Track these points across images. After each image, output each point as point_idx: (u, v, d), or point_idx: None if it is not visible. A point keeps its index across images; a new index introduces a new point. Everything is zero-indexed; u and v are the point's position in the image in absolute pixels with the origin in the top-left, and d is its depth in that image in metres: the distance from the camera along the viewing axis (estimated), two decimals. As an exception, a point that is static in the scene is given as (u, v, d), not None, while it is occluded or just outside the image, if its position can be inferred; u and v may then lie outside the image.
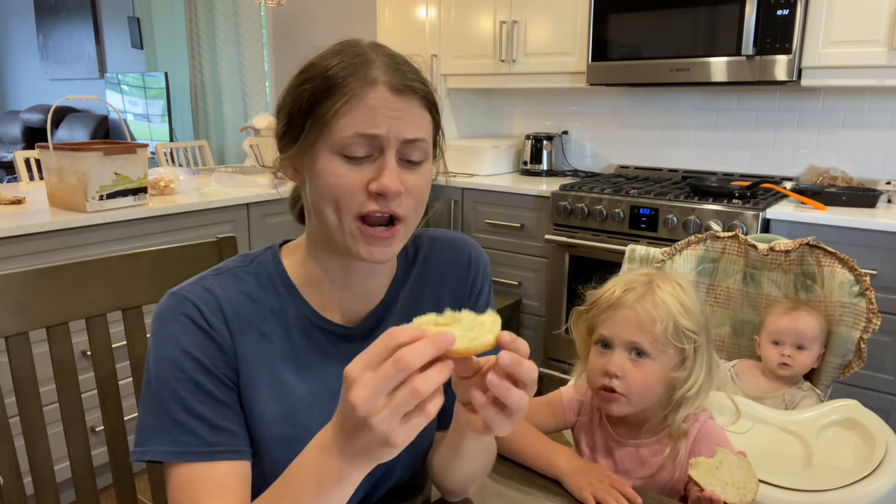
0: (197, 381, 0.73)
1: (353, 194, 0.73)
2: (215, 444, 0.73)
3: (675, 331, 0.97)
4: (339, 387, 0.66)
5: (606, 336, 1.01)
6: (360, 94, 0.72)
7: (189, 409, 0.72)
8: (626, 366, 0.99)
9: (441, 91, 3.24)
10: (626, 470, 1.05)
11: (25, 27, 5.95)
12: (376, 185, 0.72)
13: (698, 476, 0.89)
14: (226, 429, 0.73)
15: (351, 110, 0.71)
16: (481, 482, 0.93)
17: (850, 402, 1.31)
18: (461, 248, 0.93)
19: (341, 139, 0.72)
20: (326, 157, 0.73)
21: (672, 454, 1.01)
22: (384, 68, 0.74)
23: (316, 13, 3.99)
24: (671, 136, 3.00)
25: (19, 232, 1.87)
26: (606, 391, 1.00)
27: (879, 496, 1.08)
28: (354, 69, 0.73)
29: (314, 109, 0.73)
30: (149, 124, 4.40)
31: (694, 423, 1.02)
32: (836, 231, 2.10)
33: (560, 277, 2.68)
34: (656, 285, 1.01)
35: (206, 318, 0.75)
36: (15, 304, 0.95)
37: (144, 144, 2.16)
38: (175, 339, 0.74)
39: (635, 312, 0.99)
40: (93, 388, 1.05)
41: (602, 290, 1.05)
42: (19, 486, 0.97)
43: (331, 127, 0.72)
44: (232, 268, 0.81)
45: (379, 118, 0.72)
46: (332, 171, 0.73)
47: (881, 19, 2.15)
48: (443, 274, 0.90)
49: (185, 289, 0.77)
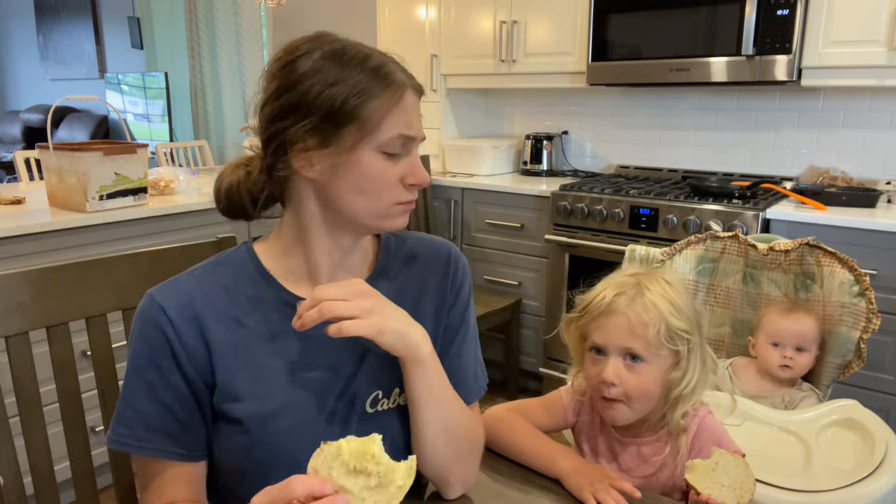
0: (148, 381, 0.80)
1: (392, 185, 0.81)
2: (145, 439, 0.81)
3: (667, 333, 0.97)
4: (316, 358, 0.82)
5: (600, 343, 1.01)
6: (397, 98, 0.80)
7: (131, 404, 0.81)
8: (621, 372, 0.98)
9: (441, 91, 3.24)
10: (628, 469, 1.05)
11: (25, 27, 5.95)
12: (415, 178, 0.82)
13: (694, 479, 0.88)
14: (160, 428, 0.81)
15: (393, 114, 0.79)
16: (478, 481, 0.93)
17: (850, 402, 1.31)
18: (440, 248, 0.97)
19: (386, 140, 0.79)
20: (368, 153, 0.79)
21: (673, 451, 1.01)
22: (400, 70, 0.82)
23: (316, 13, 3.99)
24: (671, 136, 3.00)
25: (19, 232, 1.87)
26: (606, 399, 1.00)
27: (879, 497, 1.08)
28: (382, 76, 0.79)
29: (356, 112, 0.78)
30: (149, 124, 4.39)
31: (693, 419, 1.02)
32: (836, 231, 2.10)
33: (560, 277, 2.68)
34: (645, 287, 1.00)
35: (174, 325, 0.80)
36: (15, 304, 0.95)
37: (144, 144, 2.16)
38: (145, 341, 0.81)
39: (627, 318, 0.98)
40: (93, 388, 1.05)
41: (591, 295, 1.04)
42: (19, 486, 0.97)
43: (376, 128, 0.79)
44: (206, 264, 0.87)
45: (413, 120, 0.82)
46: (375, 168, 0.80)
47: (881, 19, 2.15)
48: (425, 270, 0.94)
49: (157, 289, 0.83)
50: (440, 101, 3.25)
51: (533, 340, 2.87)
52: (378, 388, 0.86)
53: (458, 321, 0.94)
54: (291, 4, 3.67)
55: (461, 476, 0.90)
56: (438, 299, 0.93)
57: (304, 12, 4.01)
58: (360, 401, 0.85)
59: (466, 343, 0.95)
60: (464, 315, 0.95)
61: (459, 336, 0.94)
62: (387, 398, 0.87)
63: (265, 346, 0.83)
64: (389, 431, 0.87)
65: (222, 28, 4.16)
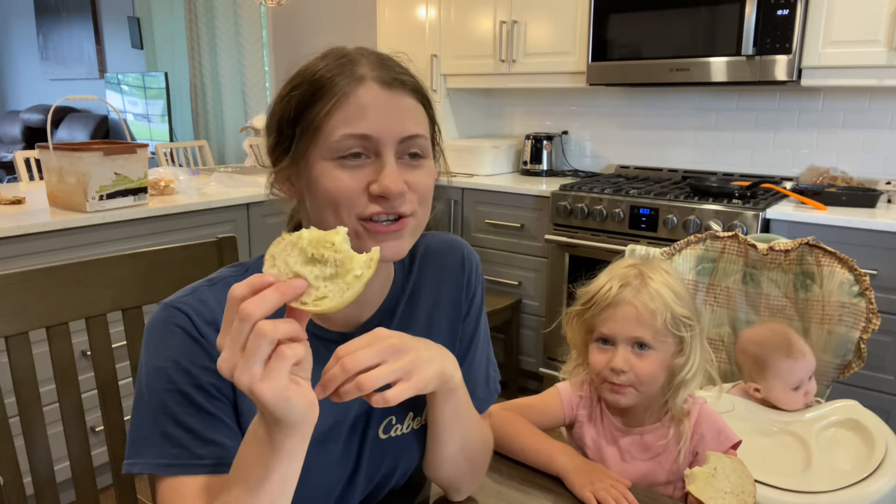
0: (186, 393, 0.71)
1: (353, 198, 0.70)
2: (202, 456, 0.71)
3: (672, 320, 1.00)
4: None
5: (608, 334, 1.02)
6: (349, 93, 0.69)
7: (178, 421, 0.71)
8: (630, 360, 1.00)
9: (441, 91, 3.24)
10: (632, 458, 1.06)
11: (25, 27, 5.95)
12: (377, 186, 0.69)
13: (697, 491, 0.89)
14: (214, 441, 0.72)
15: (340, 110, 0.69)
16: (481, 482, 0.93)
17: (850, 403, 1.31)
18: (454, 250, 0.92)
19: (333, 143, 0.69)
20: (321, 164, 0.70)
21: (676, 437, 1.03)
22: (371, 65, 0.72)
23: (316, 13, 3.99)
24: (671, 136, 3.00)
25: (19, 232, 1.87)
26: (614, 385, 1.01)
27: (879, 497, 1.08)
28: (340, 69, 0.71)
29: (303, 115, 0.71)
30: (149, 124, 4.39)
31: (693, 405, 1.05)
32: (836, 231, 2.10)
33: (560, 277, 2.68)
34: (647, 276, 1.02)
35: (198, 328, 0.73)
36: (15, 304, 0.95)
37: (144, 144, 2.16)
38: (166, 350, 0.72)
39: (634, 308, 1.00)
40: (93, 388, 1.06)
41: (595, 287, 1.06)
42: (19, 486, 0.97)
43: (321, 131, 0.70)
44: (226, 276, 0.79)
45: (371, 116, 0.69)
46: (328, 177, 0.70)
47: (881, 19, 2.15)
48: (439, 276, 0.90)
49: (178, 299, 0.75)
50: (440, 101, 3.25)
51: (533, 340, 2.87)
52: (391, 414, 0.83)
53: (472, 330, 0.92)
54: (291, 4, 3.67)
55: (472, 484, 0.90)
56: (453, 312, 0.90)
57: (304, 12, 4.01)
58: (373, 426, 0.82)
59: (479, 349, 0.93)
60: (477, 322, 0.93)
61: (473, 344, 0.92)
62: (400, 423, 0.84)
63: None
64: (403, 457, 0.86)
65: (222, 28, 4.16)
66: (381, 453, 0.84)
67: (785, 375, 1.35)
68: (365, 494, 0.86)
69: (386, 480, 0.87)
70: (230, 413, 0.75)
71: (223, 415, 0.73)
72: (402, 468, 0.87)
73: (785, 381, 1.34)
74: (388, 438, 0.83)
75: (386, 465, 0.85)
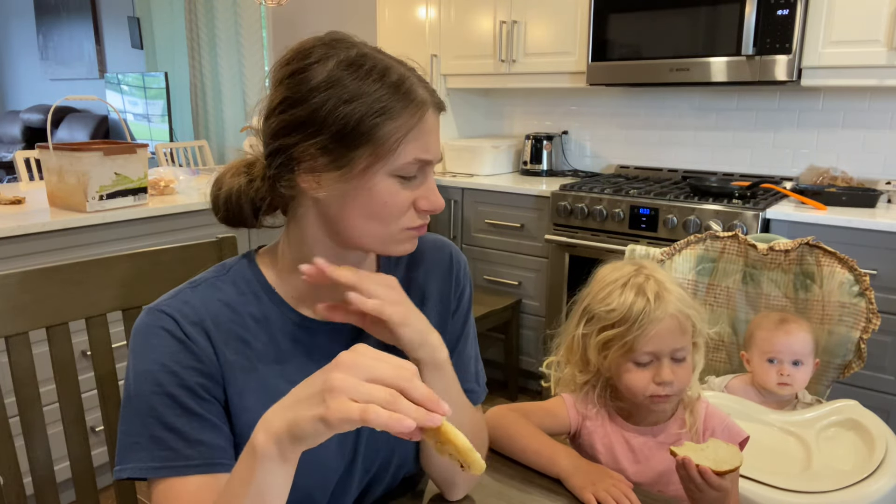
0: (173, 395, 0.72)
1: (404, 211, 0.77)
2: (191, 457, 0.71)
3: (696, 314, 1.03)
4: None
5: (653, 351, 1.00)
6: (417, 120, 0.74)
7: (166, 423, 0.72)
8: (674, 369, 1.01)
9: (441, 91, 3.24)
10: (646, 458, 1.06)
11: (25, 27, 5.95)
12: (428, 203, 0.77)
13: (679, 450, 0.91)
14: (201, 441, 0.72)
15: (413, 136, 0.74)
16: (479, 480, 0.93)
17: (850, 403, 1.31)
18: (441, 249, 0.94)
19: (404, 164, 0.74)
20: (382, 177, 0.74)
21: (687, 434, 1.05)
22: (422, 86, 0.76)
23: (316, 13, 3.99)
24: (671, 136, 3.00)
25: (19, 232, 1.87)
26: (659, 398, 1.02)
27: (879, 497, 1.08)
28: (403, 93, 0.73)
29: (372, 133, 0.72)
30: (149, 124, 4.39)
31: (700, 402, 1.07)
32: (836, 231, 2.10)
33: (560, 277, 2.68)
34: (660, 282, 1.03)
35: (183, 330, 0.74)
36: (15, 304, 0.95)
37: (144, 144, 2.16)
38: (152, 353, 0.73)
39: (676, 320, 1.00)
40: (93, 388, 1.06)
41: (621, 306, 1.02)
42: (19, 486, 0.97)
43: (392, 152, 0.73)
44: (208, 278, 0.80)
45: (431, 143, 0.76)
46: (388, 191, 0.75)
47: (881, 19, 2.15)
48: (428, 274, 0.92)
49: (162, 303, 0.76)
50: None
51: (533, 340, 2.87)
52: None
53: (461, 326, 0.94)
54: (291, 4, 3.67)
55: (467, 479, 0.90)
56: (442, 308, 0.91)
57: (304, 12, 4.01)
58: None
59: (468, 346, 0.95)
60: (465, 319, 0.95)
61: (461, 341, 0.94)
62: None
63: (273, 368, 0.79)
64: (398, 448, 0.87)
65: (222, 28, 4.15)
66: (377, 444, 0.85)
67: (761, 344, 1.42)
68: (362, 487, 0.86)
69: (382, 472, 0.88)
70: (219, 413, 0.75)
71: (211, 415, 0.74)
72: (397, 459, 0.88)
73: (761, 349, 1.41)
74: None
75: (381, 457, 0.86)
